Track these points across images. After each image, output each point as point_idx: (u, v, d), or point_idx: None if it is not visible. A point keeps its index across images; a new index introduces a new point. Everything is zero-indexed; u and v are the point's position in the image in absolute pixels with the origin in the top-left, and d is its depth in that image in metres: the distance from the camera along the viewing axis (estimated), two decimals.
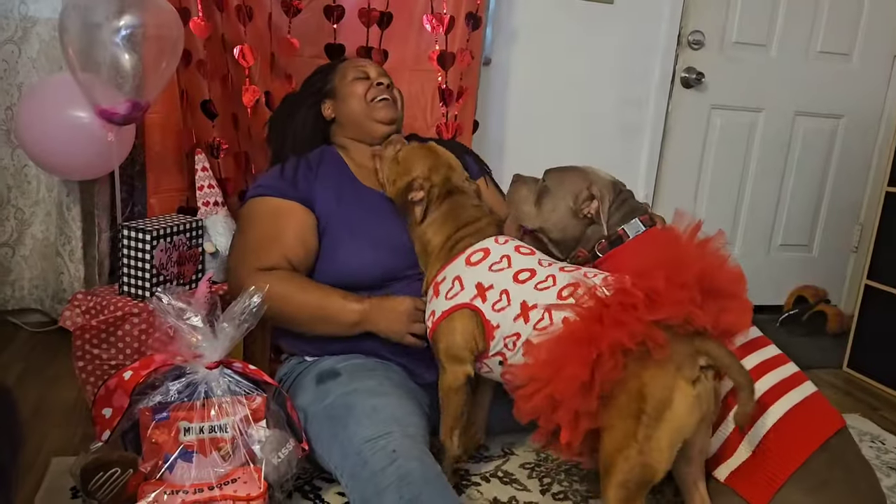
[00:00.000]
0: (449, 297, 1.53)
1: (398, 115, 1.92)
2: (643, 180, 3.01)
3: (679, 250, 1.36)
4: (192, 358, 1.46)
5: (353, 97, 1.88)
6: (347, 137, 1.91)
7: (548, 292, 1.45)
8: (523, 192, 1.75)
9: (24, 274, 2.43)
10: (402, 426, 1.43)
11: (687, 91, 2.98)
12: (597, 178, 1.70)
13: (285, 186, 1.76)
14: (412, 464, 1.34)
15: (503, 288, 1.50)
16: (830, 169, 3.29)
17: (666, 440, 1.25)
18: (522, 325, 1.45)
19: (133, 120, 1.91)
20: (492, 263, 1.54)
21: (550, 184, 1.72)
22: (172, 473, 1.41)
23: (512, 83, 2.76)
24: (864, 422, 2.32)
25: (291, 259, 1.70)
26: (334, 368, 1.64)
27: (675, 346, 1.26)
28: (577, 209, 1.67)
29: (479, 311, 1.50)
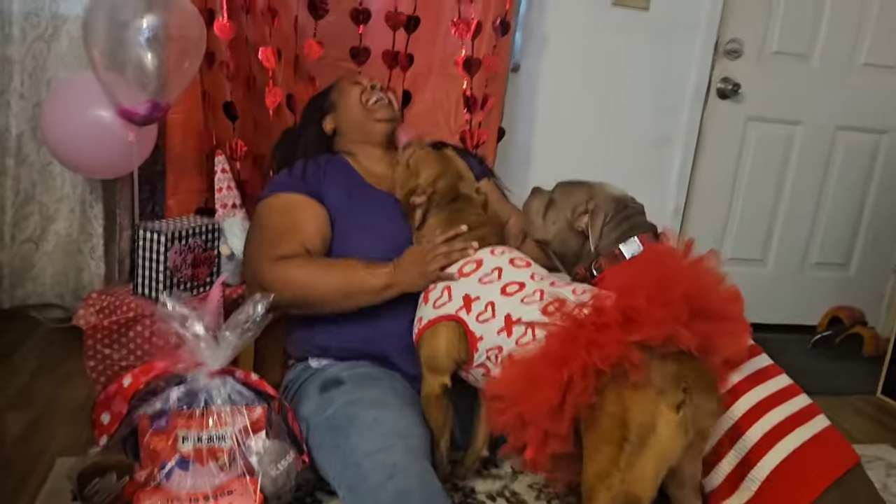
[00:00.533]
0: (436, 306, 1.52)
1: (395, 114, 1.94)
2: (674, 192, 2.93)
3: (665, 268, 1.31)
4: (194, 366, 1.44)
5: (350, 102, 1.91)
6: (352, 142, 1.93)
7: (532, 307, 1.42)
8: (535, 205, 1.74)
9: (47, 269, 2.45)
10: (404, 439, 1.41)
11: (722, 102, 2.89)
12: (599, 193, 1.67)
13: (295, 183, 1.77)
14: (412, 480, 1.31)
15: (489, 300, 1.48)
16: (872, 186, 3.16)
17: (650, 468, 1.19)
18: (505, 339, 1.43)
19: (153, 120, 1.91)
20: (483, 275, 1.52)
21: (557, 196, 1.71)
22: (169, 481, 1.40)
23: (541, 90, 2.71)
24: (894, 453, 2.21)
25: (309, 248, 1.69)
26: (339, 377, 1.61)
27: (656, 369, 1.20)
28: (573, 222, 1.65)
29: (463, 323, 1.49)
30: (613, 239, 1.61)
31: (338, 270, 1.63)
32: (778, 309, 3.19)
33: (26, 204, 2.38)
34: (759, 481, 1.34)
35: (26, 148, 2.33)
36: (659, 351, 1.22)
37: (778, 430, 1.37)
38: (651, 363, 1.21)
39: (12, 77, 2.26)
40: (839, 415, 2.46)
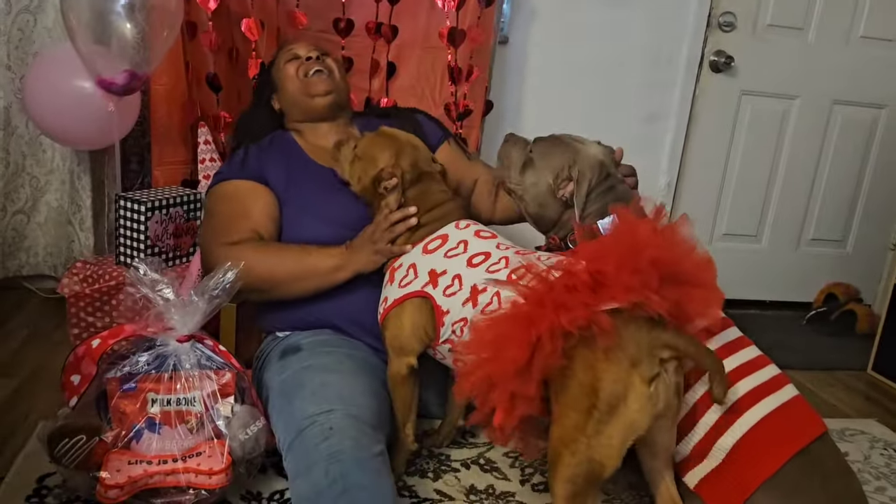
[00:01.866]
0: (402, 284, 1.51)
1: (336, 84, 1.87)
2: (666, 168, 2.92)
3: (635, 235, 1.29)
4: (163, 330, 1.46)
5: (287, 80, 1.87)
6: (297, 121, 1.90)
7: (498, 274, 1.42)
8: (513, 156, 1.69)
9: (39, 241, 2.49)
10: (346, 405, 1.41)
11: (716, 75, 2.86)
12: (583, 157, 1.60)
13: (237, 169, 1.77)
14: (345, 442, 1.32)
15: (456, 273, 1.47)
16: (869, 161, 3.12)
17: (617, 437, 1.19)
18: (470, 309, 1.42)
19: (132, 90, 1.92)
20: (448, 250, 1.51)
21: (536, 155, 1.65)
22: (139, 443, 1.42)
23: (530, 63, 2.69)
24: (880, 427, 2.21)
25: (261, 232, 1.69)
26: (298, 344, 1.63)
27: (632, 339, 1.20)
28: (556, 188, 1.61)
29: (430, 298, 1.47)
30: (594, 212, 1.58)
31: (288, 254, 1.63)
32: (773, 286, 3.17)
33: (17, 176, 2.40)
34: (725, 450, 1.35)
35: (15, 120, 2.35)
36: (633, 319, 1.21)
37: (746, 399, 1.37)
38: (626, 332, 1.20)
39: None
40: (829, 390, 2.45)
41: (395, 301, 1.51)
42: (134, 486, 1.36)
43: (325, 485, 1.28)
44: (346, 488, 1.28)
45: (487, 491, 1.64)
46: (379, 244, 1.57)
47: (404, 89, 2.33)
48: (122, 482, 1.34)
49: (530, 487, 1.67)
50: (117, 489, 1.34)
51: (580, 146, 1.63)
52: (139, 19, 1.83)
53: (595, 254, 1.27)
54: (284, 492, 1.58)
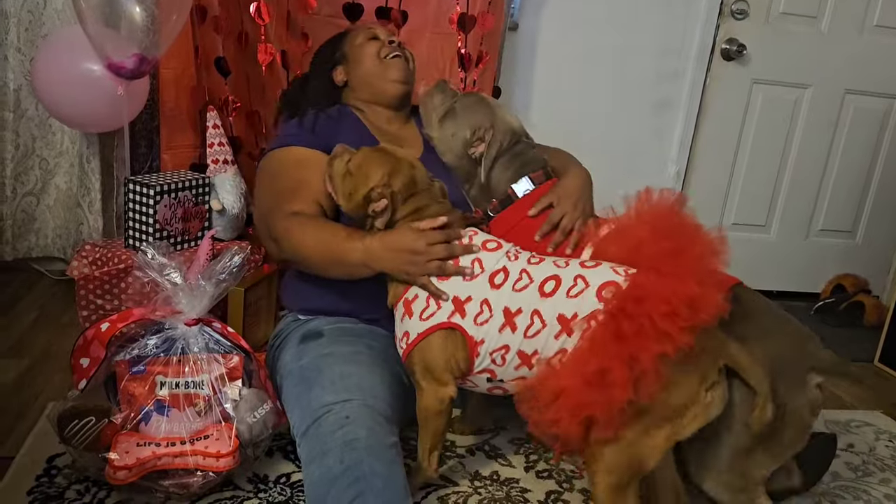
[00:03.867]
0: (424, 317, 1.40)
1: (410, 75, 1.86)
2: (675, 156, 2.90)
3: (694, 241, 1.33)
4: (171, 314, 1.47)
5: (365, 57, 1.83)
6: (361, 100, 1.85)
7: (528, 291, 1.37)
8: (435, 102, 1.70)
9: (49, 223, 2.50)
10: (364, 395, 1.42)
11: (727, 63, 2.84)
12: (498, 121, 1.65)
13: (306, 136, 1.71)
14: (360, 431, 1.34)
15: (482, 297, 1.38)
16: (881, 152, 3.09)
17: (666, 440, 1.25)
18: (510, 335, 1.36)
19: (141, 74, 1.92)
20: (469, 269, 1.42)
21: (459, 107, 1.67)
22: (147, 426, 1.44)
23: (540, 50, 2.68)
24: (885, 419, 2.21)
25: (323, 203, 1.62)
26: (320, 330, 1.62)
27: (703, 352, 1.23)
28: (468, 144, 1.64)
29: (459, 329, 1.38)
30: (507, 178, 1.64)
31: (324, 234, 1.53)
32: (781, 276, 3.16)
33: (26, 158, 2.41)
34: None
35: (25, 102, 2.36)
36: (704, 330, 1.24)
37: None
38: (699, 345, 1.23)
39: (8, 31, 2.28)
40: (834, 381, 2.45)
41: (420, 336, 1.40)
42: (142, 468, 1.37)
43: (340, 471, 1.29)
44: (360, 475, 1.29)
45: (492, 477, 1.65)
46: (427, 267, 1.42)
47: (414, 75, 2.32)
48: (131, 463, 1.36)
49: (534, 474, 1.68)
50: (126, 470, 1.36)
51: (499, 111, 1.69)
52: (149, 3, 1.83)
53: (652, 263, 1.31)
54: (291, 475, 1.60)
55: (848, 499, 1.74)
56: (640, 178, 2.78)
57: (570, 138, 2.69)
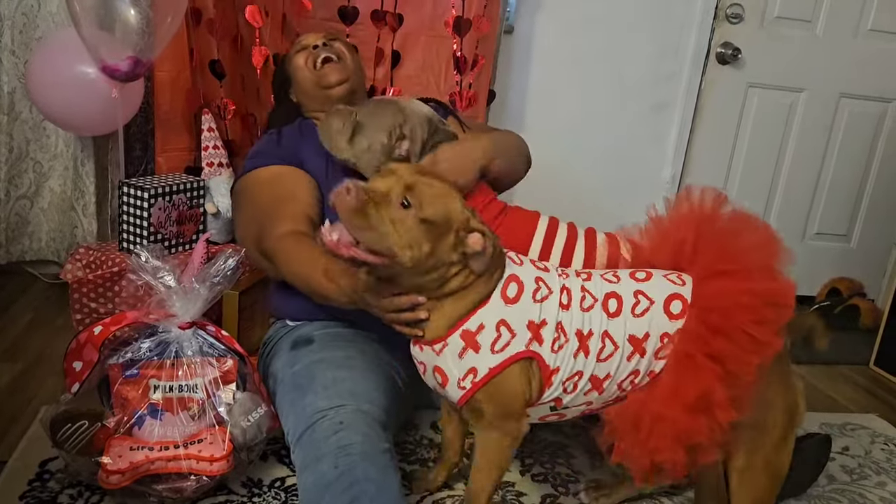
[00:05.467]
0: (497, 349, 1.21)
1: (348, 70, 1.79)
2: (671, 160, 2.90)
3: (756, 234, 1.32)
4: (165, 317, 1.46)
5: (297, 71, 1.81)
6: (315, 111, 1.82)
7: (595, 312, 1.27)
8: (336, 124, 1.57)
9: (42, 226, 2.49)
10: (358, 401, 1.41)
11: (722, 67, 2.84)
12: (411, 114, 1.58)
13: (274, 153, 1.70)
14: (355, 437, 1.33)
15: (556, 321, 1.25)
16: (876, 156, 3.10)
17: (793, 441, 1.30)
18: (584, 360, 1.26)
19: (135, 77, 1.91)
20: (533, 292, 1.25)
21: (363, 119, 1.56)
22: (141, 430, 1.43)
23: (535, 53, 2.68)
24: (881, 422, 2.21)
25: (311, 215, 1.59)
26: (310, 336, 1.61)
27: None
28: (391, 147, 1.54)
29: (537, 357, 1.24)
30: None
31: (305, 268, 1.45)
32: None
33: (20, 161, 2.41)
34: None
35: (19, 105, 2.35)
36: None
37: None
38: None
39: (2, 34, 2.28)
40: (830, 384, 2.45)
41: (492, 371, 1.22)
42: (135, 472, 1.37)
43: (334, 476, 1.28)
44: (355, 481, 1.28)
45: None
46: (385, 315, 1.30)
47: (409, 78, 2.32)
48: (124, 468, 1.35)
49: (530, 478, 1.67)
50: (119, 474, 1.35)
51: (406, 104, 1.60)
52: (143, 5, 1.82)
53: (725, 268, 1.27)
54: (286, 479, 1.59)
55: (843, 502, 1.74)
56: (635, 182, 2.84)
57: (565, 141, 2.72)
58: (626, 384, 1.29)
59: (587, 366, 1.26)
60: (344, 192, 1.11)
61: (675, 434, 1.20)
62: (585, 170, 1.81)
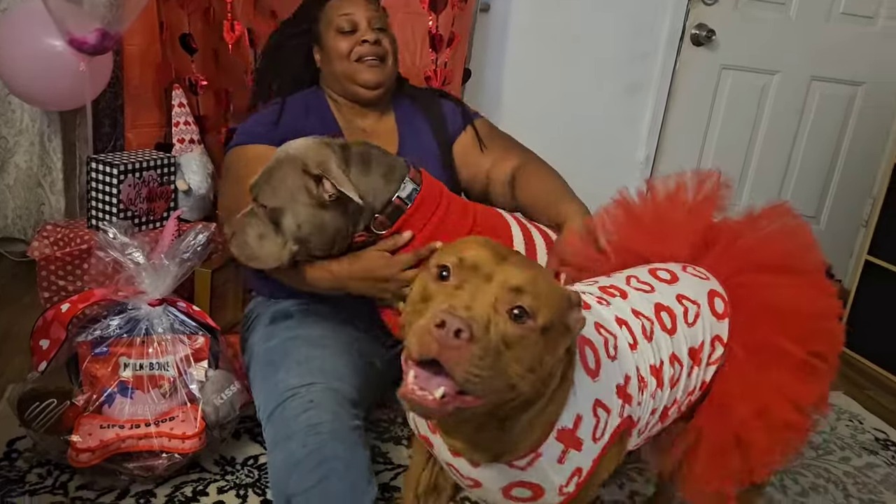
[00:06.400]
0: (598, 436, 0.99)
1: (387, 75, 1.66)
2: (645, 141, 2.91)
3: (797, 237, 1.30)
4: (134, 294, 1.44)
5: (335, 55, 1.64)
6: (334, 91, 1.71)
7: (658, 335, 1.11)
8: (254, 234, 1.34)
9: (9, 203, 2.44)
10: (328, 379, 1.40)
11: (697, 49, 2.85)
12: (302, 151, 1.33)
13: (272, 130, 1.60)
14: (324, 415, 1.32)
15: (635, 367, 1.06)
16: (846, 139, 3.14)
17: None
18: (660, 395, 1.10)
19: (103, 50, 1.87)
20: (605, 348, 1.03)
21: (268, 200, 1.33)
22: (111, 408, 1.42)
23: (511, 32, 2.66)
24: (846, 399, 2.27)
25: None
26: (289, 311, 1.59)
27: None
28: (318, 198, 1.31)
29: (631, 424, 1.06)
30: (376, 189, 1.35)
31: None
32: None
33: None
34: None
35: None
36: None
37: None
38: None
39: None
40: None
41: (595, 461, 1.00)
42: (106, 450, 1.35)
43: (303, 455, 1.28)
44: (323, 459, 1.28)
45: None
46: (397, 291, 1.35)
47: None
48: (94, 446, 1.34)
49: None
50: (89, 452, 1.33)
51: (285, 149, 1.36)
52: None
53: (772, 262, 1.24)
54: (259, 457, 1.59)
55: (809, 476, 1.79)
56: (609, 162, 2.85)
57: (540, 120, 2.72)
58: (683, 405, 1.17)
59: (661, 399, 1.10)
60: (440, 333, 0.76)
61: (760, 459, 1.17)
62: (560, 149, 1.79)
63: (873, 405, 2.30)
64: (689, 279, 1.21)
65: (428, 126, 1.76)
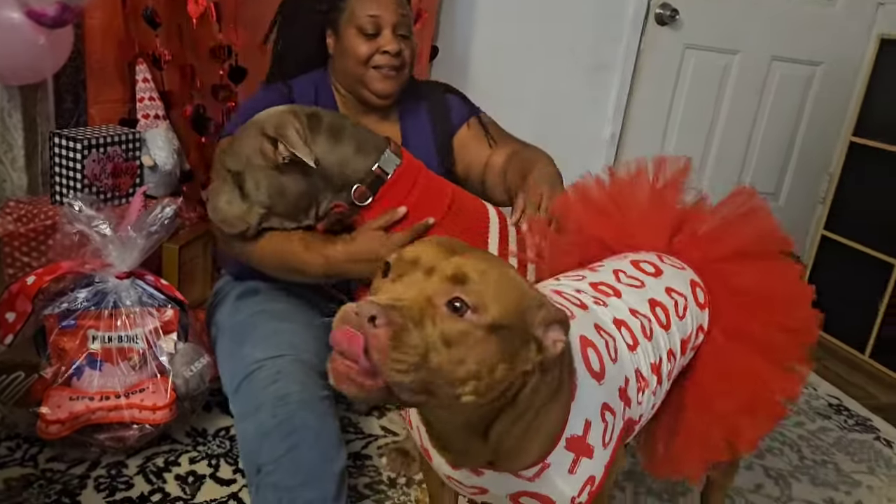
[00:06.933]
0: (608, 441, 0.96)
1: (397, 88, 1.59)
2: (611, 119, 2.95)
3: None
4: (101, 267, 1.44)
5: (352, 56, 1.55)
6: (341, 85, 1.64)
7: (657, 334, 1.12)
8: (224, 199, 1.36)
9: None
10: (297, 351, 1.40)
11: (661, 28, 2.89)
12: (264, 119, 1.34)
13: None
14: (293, 386, 1.33)
15: (634, 369, 1.06)
16: (804, 117, 3.22)
17: None
18: (659, 390, 1.12)
19: (63, 23, 1.84)
20: (607, 351, 1.01)
21: (231, 166, 1.35)
22: (80, 380, 1.42)
23: (478, 9, 2.67)
24: None
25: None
26: (256, 287, 1.60)
27: None
28: (275, 161, 1.31)
29: (632, 424, 1.06)
30: (353, 158, 1.36)
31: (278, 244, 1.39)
32: None
33: None
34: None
35: None
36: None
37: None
38: None
39: None
40: None
41: (607, 467, 0.97)
42: (76, 422, 1.36)
43: (273, 425, 1.30)
44: (293, 429, 1.30)
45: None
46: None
47: None
48: (64, 417, 1.34)
49: None
50: (59, 424, 1.34)
51: (254, 120, 1.36)
52: None
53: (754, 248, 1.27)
54: (230, 428, 1.60)
55: (765, 440, 1.85)
56: (576, 139, 2.89)
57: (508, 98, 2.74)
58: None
59: (660, 394, 1.13)
60: (355, 317, 0.72)
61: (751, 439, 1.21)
62: (528, 127, 1.81)
63: (828, 373, 2.39)
64: (671, 270, 1.21)
65: (430, 121, 1.72)
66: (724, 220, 1.29)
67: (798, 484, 1.71)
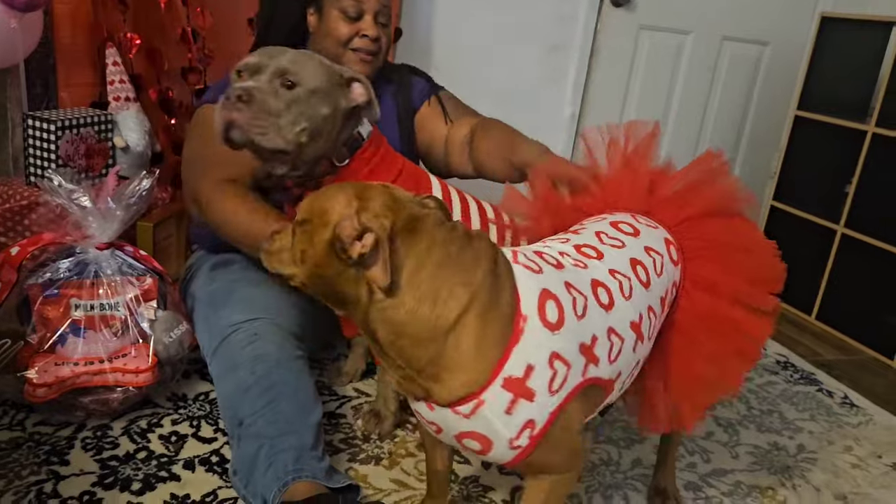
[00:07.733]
0: (555, 388, 0.99)
1: (374, 70, 1.69)
2: (570, 99, 3.06)
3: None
4: (82, 238, 1.50)
5: (332, 36, 1.64)
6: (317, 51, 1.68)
7: (637, 292, 1.14)
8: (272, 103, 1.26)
9: None
10: (273, 314, 1.47)
11: (616, 10, 3.00)
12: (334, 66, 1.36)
13: None
14: (269, 347, 1.41)
15: (607, 328, 1.07)
16: (754, 95, 3.37)
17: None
18: (641, 347, 1.15)
19: (34, 7, 1.87)
20: (573, 307, 1.03)
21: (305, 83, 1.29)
22: (64, 347, 1.48)
23: None
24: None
25: (257, 174, 1.51)
26: (231, 258, 1.66)
27: None
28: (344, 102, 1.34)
29: (598, 382, 1.06)
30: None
31: (245, 215, 1.42)
32: None
33: None
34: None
35: None
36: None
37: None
38: None
39: None
40: None
41: (553, 415, 1.00)
42: (62, 385, 1.42)
43: (252, 381, 1.37)
44: (271, 385, 1.37)
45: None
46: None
47: None
48: (51, 381, 1.40)
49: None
50: (45, 387, 1.40)
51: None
52: None
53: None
54: (209, 393, 1.67)
55: None
56: (538, 119, 2.98)
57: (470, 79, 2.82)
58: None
59: (642, 351, 1.16)
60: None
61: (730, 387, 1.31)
62: (490, 108, 1.89)
63: (777, 335, 2.52)
64: (646, 230, 1.25)
65: (394, 102, 1.81)
66: (692, 182, 1.37)
67: (746, 431, 1.84)
